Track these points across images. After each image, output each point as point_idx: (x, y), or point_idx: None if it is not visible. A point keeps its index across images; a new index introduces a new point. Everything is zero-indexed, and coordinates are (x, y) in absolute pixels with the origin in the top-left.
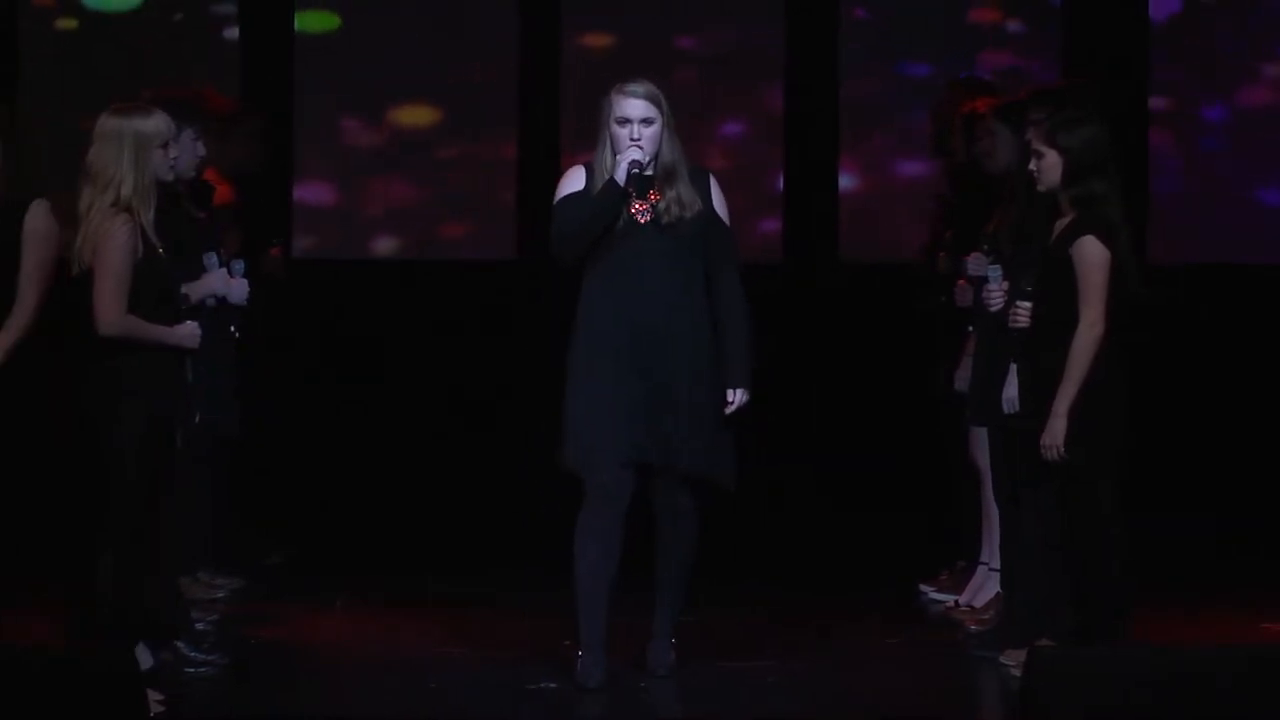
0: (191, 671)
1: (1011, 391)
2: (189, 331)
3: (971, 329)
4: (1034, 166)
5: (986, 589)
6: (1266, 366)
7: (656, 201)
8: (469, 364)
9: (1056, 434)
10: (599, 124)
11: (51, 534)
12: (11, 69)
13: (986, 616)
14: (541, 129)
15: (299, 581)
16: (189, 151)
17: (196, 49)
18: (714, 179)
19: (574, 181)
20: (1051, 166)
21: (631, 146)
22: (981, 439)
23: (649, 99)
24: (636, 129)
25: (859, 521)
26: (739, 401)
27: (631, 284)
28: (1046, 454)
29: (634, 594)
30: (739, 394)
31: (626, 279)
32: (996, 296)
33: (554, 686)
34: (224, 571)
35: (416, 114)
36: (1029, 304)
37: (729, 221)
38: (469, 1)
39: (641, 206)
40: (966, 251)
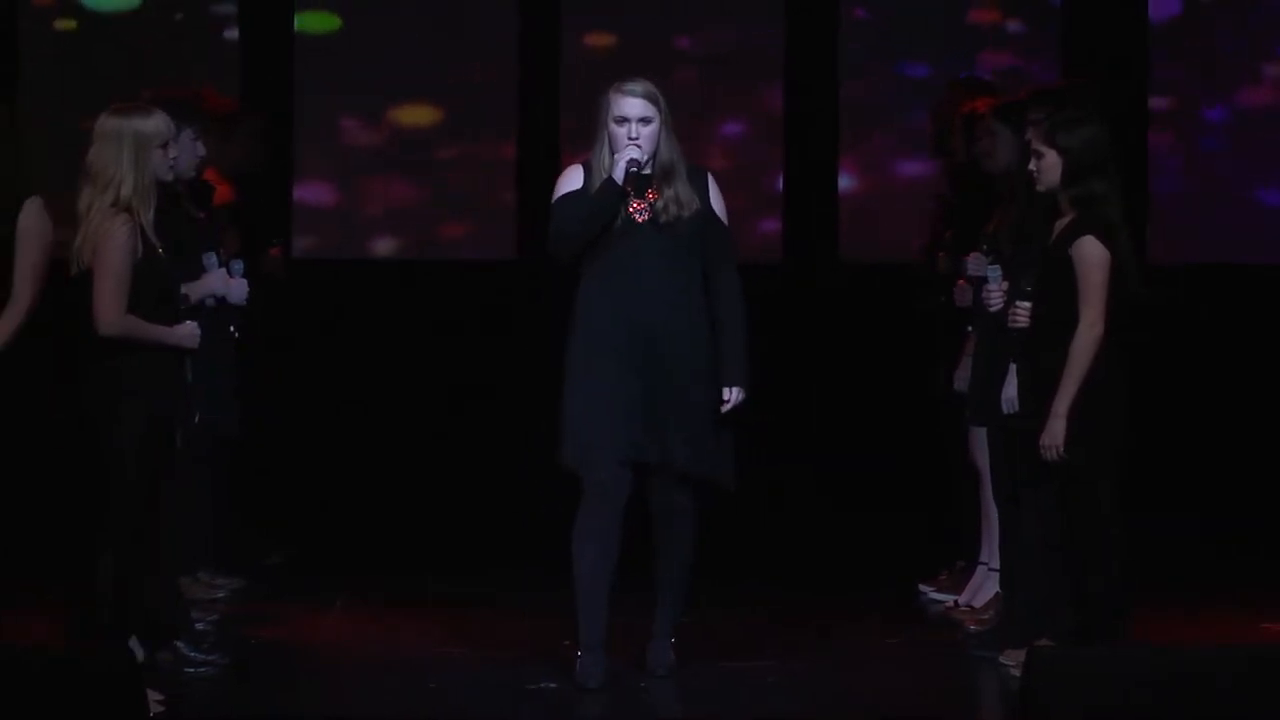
0: (191, 671)
1: (1011, 391)
2: (189, 331)
3: (971, 329)
4: (1034, 166)
5: (986, 589)
6: (1266, 366)
7: (654, 200)
8: (469, 364)
9: (1056, 434)
10: (597, 123)
11: (51, 534)
12: (11, 69)
13: (986, 616)
14: (541, 129)
15: (299, 581)
16: (189, 151)
17: (196, 49)
18: (712, 178)
19: (572, 180)
20: (1051, 166)
21: (629, 145)
22: (981, 439)
23: (647, 98)
24: (634, 128)
25: (859, 521)
26: (735, 400)
27: (629, 283)
28: (1046, 454)
29: (634, 594)
30: (735, 392)
31: (624, 278)
32: (996, 296)
33: (554, 686)
34: (224, 571)
35: (416, 114)
36: (1029, 304)
37: (727, 220)
38: (469, 1)
39: (639, 205)
40: (966, 251)
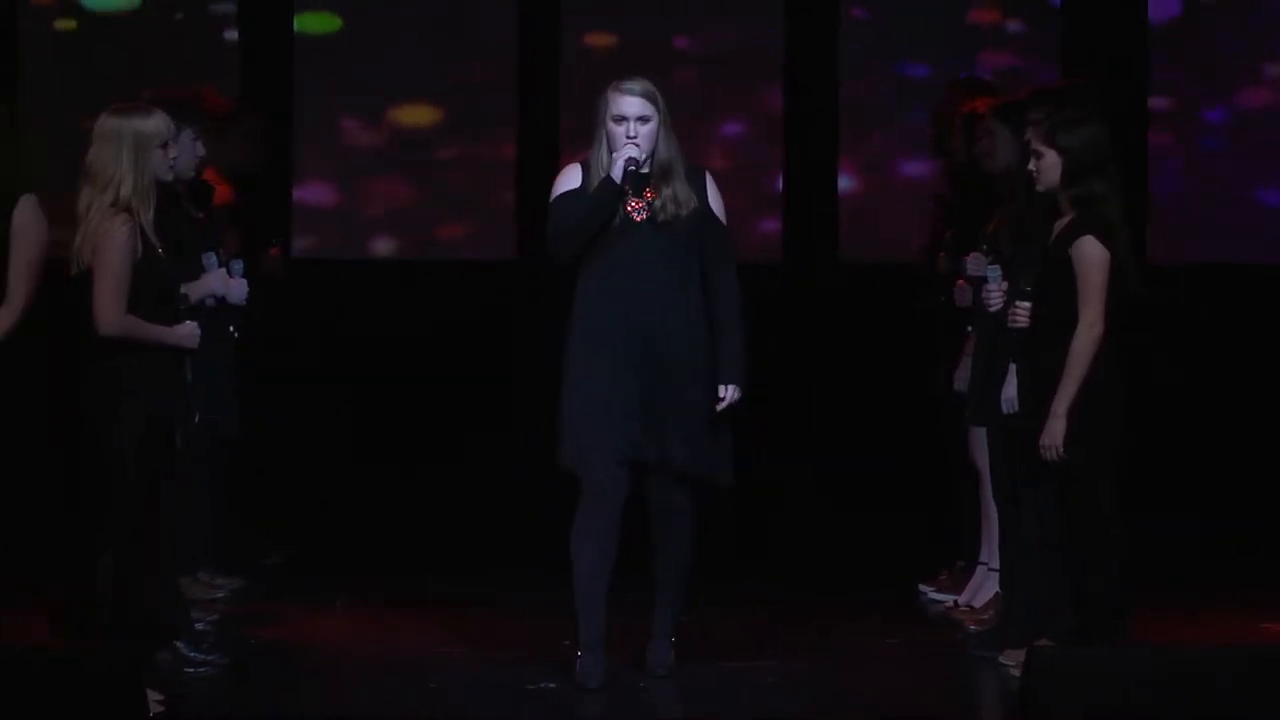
0: (191, 671)
1: (1011, 391)
2: (188, 331)
3: (971, 329)
4: (1033, 166)
5: (986, 589)
6: (1266, 366)
7: (652, 199)
8: (469, 364)
9: (1055, 434)
10: (595, 122)
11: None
12: (11, 69)
13: (986, 616)
14: (541, 129)
15: (299, 581)
16: (188, 151)
17: (196, 49)
18: (710, 177)
19: (570, 179)
20: (1051, 166)
21: (628, 144)
22: (981, 439)
23: (645, 96)
24: (633, 126)
25: (859, 521)
26: (730, 398)
27: (627, 282)
28: (1045, 454)
29: (633, 594)
30: (731, 390)
31: (622, 277)
32: (996, 296)
33: (554, 686)
34: (224, 571)
35: (416, 114)
36: (1028, 304)
37: (725, 219)
38: (469, 1)
39: (637, 204)
40: (966, 251)
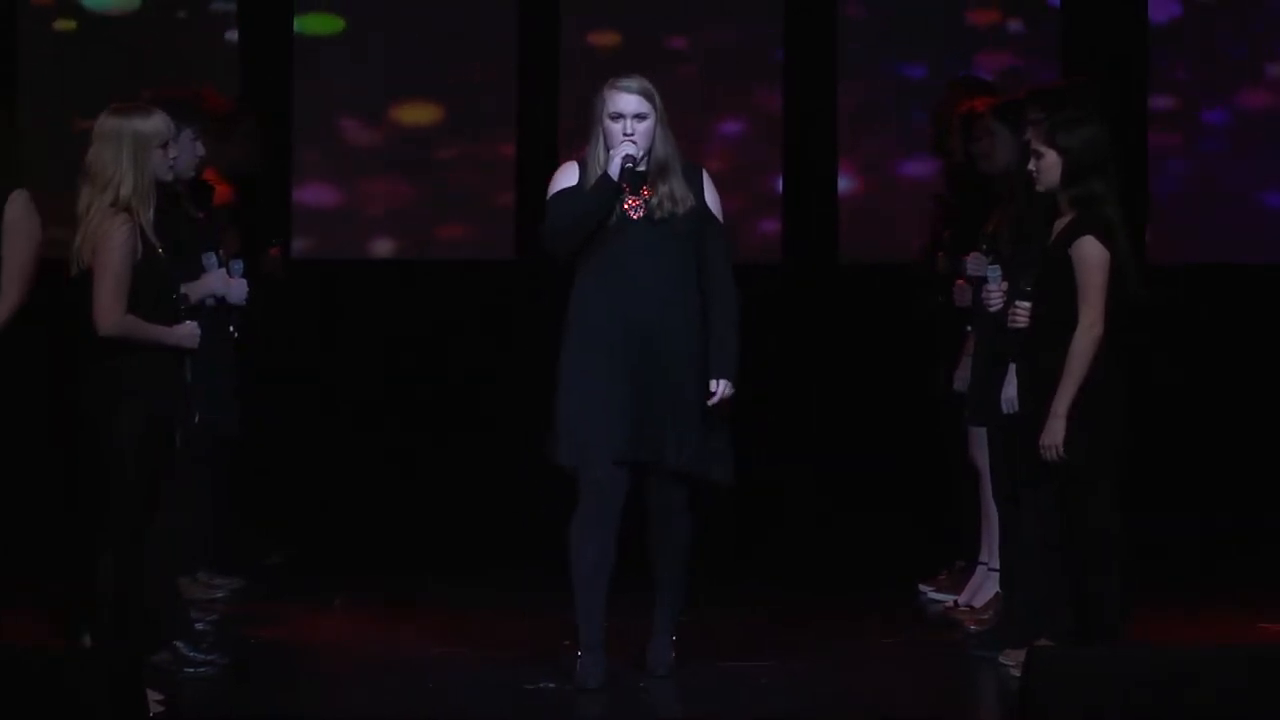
0: (191, 671)
1: (1011, 391)
2: (188, 331)
3: (971, 329)
4: (1033, 166)
5: (986, 589)
6: (1266, 366)
7: (649, 197)
8: (469, 364)
9: (1055, 434)
10: (591, 119)
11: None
12: (11, 69)
13: (986, 616)
14: (541, 129)
15: (299, 581)
16: (188, 151)
17: (196, 49)
18: (707, 175)
19: (567, 177)
20: (1050, 166)
21: (625, 141)
22: (981, 439)
23: (642, 94)
24: (630, 124)
25: (859, 521)
26: (722, 392)
27: (624, 280)
28: (1045, 454)
29: (632, 594)
30: (722, 385)
31: (619, 275)
32: (995, 296)
33: (554, 686)
34: (224, 571)
35: (416, 114)
36: (1028, 304)
37: (722, 218)
38: (469, 1)
39: (634, 202)
40: (965, 251)
